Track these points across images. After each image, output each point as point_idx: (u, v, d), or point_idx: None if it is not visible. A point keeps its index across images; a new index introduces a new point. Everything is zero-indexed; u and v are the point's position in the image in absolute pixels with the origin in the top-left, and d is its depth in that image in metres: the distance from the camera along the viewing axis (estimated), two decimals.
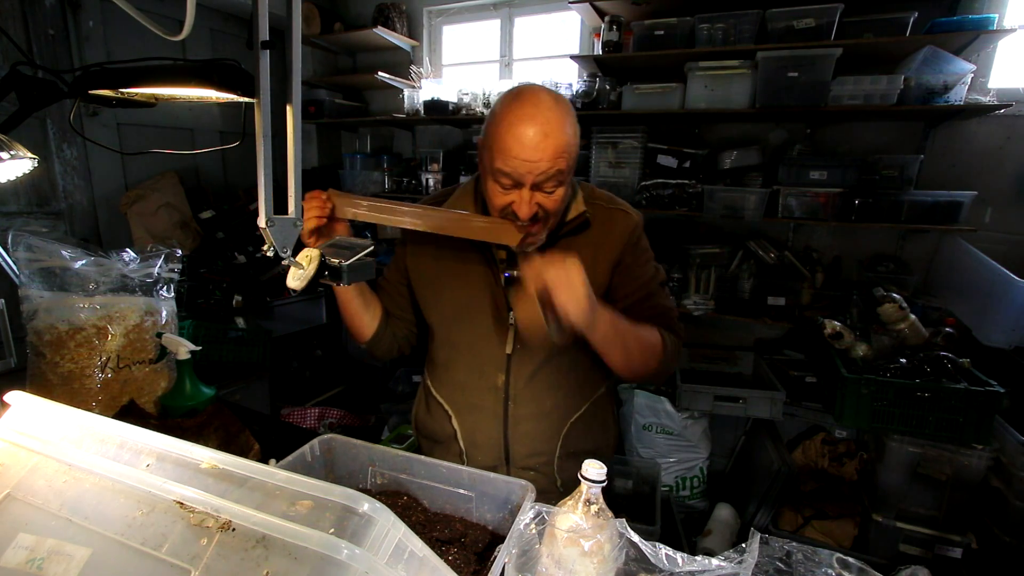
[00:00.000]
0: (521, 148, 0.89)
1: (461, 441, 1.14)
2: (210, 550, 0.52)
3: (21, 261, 1.15)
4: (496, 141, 0.92)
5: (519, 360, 1.09)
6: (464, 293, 1.10)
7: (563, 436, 1.12)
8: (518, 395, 1.10)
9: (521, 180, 0.92)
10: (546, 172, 0.91)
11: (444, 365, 1.17)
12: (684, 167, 2.48)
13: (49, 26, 2.31)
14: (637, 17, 2.45)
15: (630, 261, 1.09)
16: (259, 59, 0.75)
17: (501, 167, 0.92)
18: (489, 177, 0.96)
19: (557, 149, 0.90)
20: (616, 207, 1.12)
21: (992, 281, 1.94)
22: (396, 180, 3.26)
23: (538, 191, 0.94)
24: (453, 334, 1.14)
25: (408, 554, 0.54)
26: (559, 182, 0.94)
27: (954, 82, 1.99)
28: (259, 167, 0.77)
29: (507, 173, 0.92)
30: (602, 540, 0.65)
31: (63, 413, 0.68)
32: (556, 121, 0.90)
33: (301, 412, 2.70)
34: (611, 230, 1.08)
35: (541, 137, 0.89)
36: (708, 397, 2.33)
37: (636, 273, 1.10)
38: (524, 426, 1.11)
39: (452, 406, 1.16)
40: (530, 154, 0.89)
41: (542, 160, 0.89)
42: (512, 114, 0.91)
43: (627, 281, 1.10)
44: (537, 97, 0.92)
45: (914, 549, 1.93)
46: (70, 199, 2.48)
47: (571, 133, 0.93)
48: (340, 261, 0.86)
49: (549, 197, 0.95)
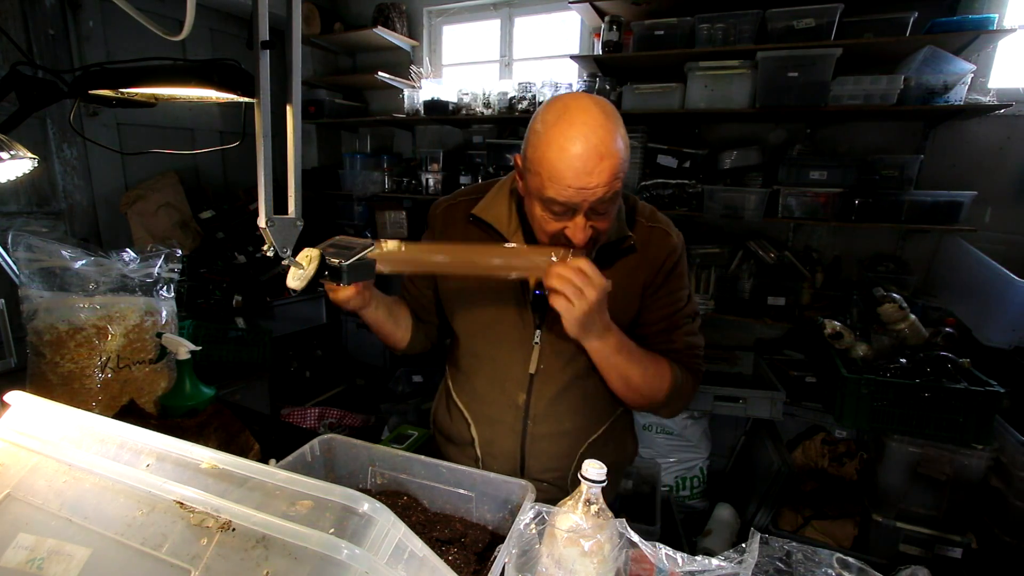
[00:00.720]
0: (576, 176, 0.81)
1: (478, 448, 1.13)
2: (210, 550, 0.52)
3: (21, 261, 1.15)
4: (544, 167, 0.83)
5: (542, 381, 1.06)
6: (492, 308, 1.07)
7: (580, 455, 1.11)
8: (538, 415, 1.08)
9: (576, 208, 0.85)
10: (603, 197, 0.84)
11: (466, 373, 1.15)
12: (684, 167, 2.48)
13: (49, 26, 2.31)
14: (637, 17, 2.45)
15: (660, 286, 1.05)
16: (259, 59, 0.75)
17: (553, 196, 0.84)
18: (537, 203, 0.89)
19: (614, 170, 0.82)
20: (657, 225, 1.06)
21: (992, 281, 1.94)
22: (396, 180, 3.26)
23: (594, 215, 0.87)
24: (478, 346, 1.12)
25: (408, 554, 0.54)
26: (614, 201, 0.89)
27: (954, 82, 1.99)
28: (259, 167, 0.77)
29: (561, 202, 0.84)
30: (602, 540, 0.65)
31: (63, 413, 0.68)
32: (610, 139, 0.82)
33: (301, 412, 2.70)
34: (650, 252, 1.03)
35: (596, 160, 0.81)
36: (708, 397, 2.33)
37: (664, 301, 1.05)
38: (542, 444, 1.09)
39: (472, 415, 1.14)
40: (586, 181, 0.81)
41: (599, 186, 0.82)
42: (562, 135, 0.82)
43: (654, 307, 1.06)
44: (587, 114, 0.82)
45: (914, 549, 1.93)
46: (70, 199, 2.48)
47: (624, 147, 0.85)
48: (340, 261, 0.86)
49: (603, 218, 0.89)
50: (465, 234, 1.08)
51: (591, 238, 0.90)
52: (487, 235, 1.05)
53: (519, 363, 1.06)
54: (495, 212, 1.04)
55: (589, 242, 0.91)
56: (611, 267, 1.02)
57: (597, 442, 1.12)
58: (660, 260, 1.04)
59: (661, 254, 1.04)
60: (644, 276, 1.04)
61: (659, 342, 1.06)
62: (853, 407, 1.90)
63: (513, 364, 1.07)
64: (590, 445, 1.11)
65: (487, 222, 1.03)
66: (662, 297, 1.05)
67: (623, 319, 1.03)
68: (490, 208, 1.04)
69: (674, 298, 1.06)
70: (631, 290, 1.04)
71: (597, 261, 0.99)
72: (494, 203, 1.05)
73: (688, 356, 1.07)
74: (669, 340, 1.06)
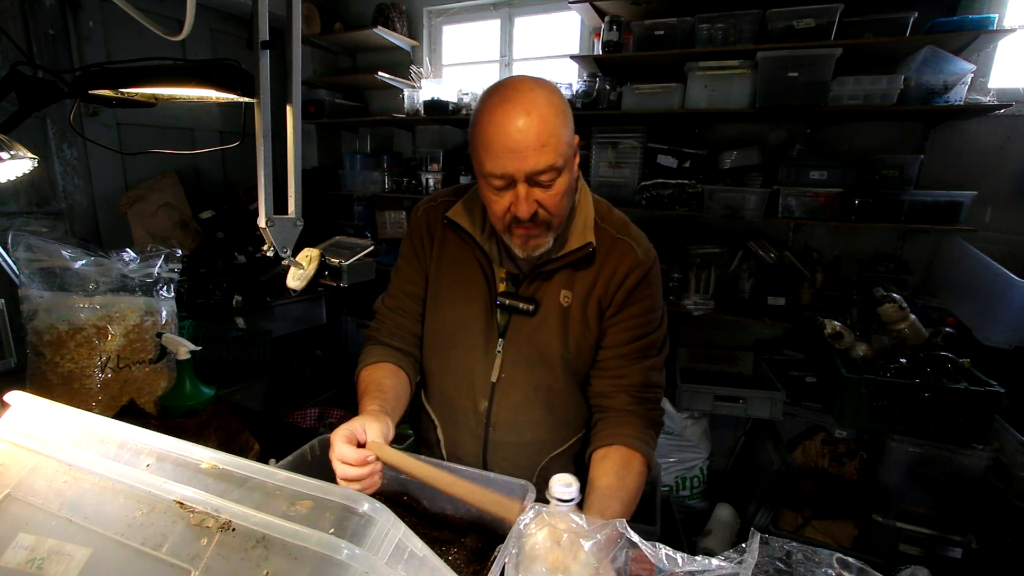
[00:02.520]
0: (504, 136, 0.82)
1: (444, 450, 1.13)
2: (210, 550, 0.52)
3: (21, 261, 1.15)
4: (478, 140, 0.86)
5: (503, 389, 1.05)
6: (462, 313, 1.06)
7: (540, 468, 1.09)
8: (499, 423, 1.06)
9: (513, 175, 0.84)
10: (536, 160, 0.82)
11: (435, 376, 1.14)
12: (684, 167, 2.48)
13: (49, 26, 2.31)
14: (637, 17, 2.45)
15: (622, 306, 0.99)
16: (259, 59, 0.75)
17: (490, 168, 0.85)
18: (483, 183, 0.90)
19: (543, 130, 0.82)
20: (624, 238, 1.01)
21: (992, 281, 1.94)
22: (396, 180, 3.26)
23: (536, 187, 0.86)
24: (447, 350, 1.10)
25: (408, 554, 0.54)
26: (555, 172, 0.85)
27: (954, 82, 1.99)
28: (259, 167, 0.77)
29: (498, 174, 0.85)
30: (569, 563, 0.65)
31: (63, 413, 0.68)
32: (537, 101, 0.82)
33: (301, 412, 2.69)
34: (610, 265, 0.99)
35: (524, 118, 0.81)
36: (708, 397, 2.33)
37: (627, 324, 1.00)
38: (503, 451, 1.08)
39: (438, 417, 1.14)
40: (514, 140, 0.81)
41: (528, 147, 0.81)
42: (492, 106, 0.84)
43: (618, 331, 1.01)
44: (515, 82, 0.86)
45: (914, 549, 1.93)
46: (70, 199, 2.47)
47: (557, 112, 0.84)
48: (340, 261, 0.86)
49: (548, 192, 0.87)
50: (443, 235, 1.07)
51: (538, 216, 0.88)
52: (461, 238, 1.05)
53: (482, 370, 1.05)
54: (467, 216, 1.03)
55: (541, 226, 0.90)
56: (571, 281, 1.00)
57: (560, 458, 1.10)
58: (620, 276, 0.99)
59: (621, 269, 0.99)
60: (600, 291, 0.99)
61: (617, 372, 1.01)
62: (853, 407, 1.90)
63: (477, 371, 1.06)
64: (552, 459, 1.10)
65: (460, 226, 1.03)
66: (624, 320, 1.00)
67: (582, 340, 1.01)
68: (463, 212, 1.04)
69: (638, 322, 1.00)
70: (589, 305, 1.00)
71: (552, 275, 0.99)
72: (466, 208, 1.04)
73: (644, 396, 1.01)
74: (627, 372, 1.01)
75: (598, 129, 2.57)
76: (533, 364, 1.03)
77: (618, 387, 1.02)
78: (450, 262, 1.07)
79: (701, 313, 2.43)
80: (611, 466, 0.94)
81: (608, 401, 1.03)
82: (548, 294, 1.01)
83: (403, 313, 1.13)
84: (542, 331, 1.02)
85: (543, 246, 0.94)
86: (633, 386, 1.01)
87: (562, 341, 1.02)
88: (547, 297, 1.01)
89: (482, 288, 1.04)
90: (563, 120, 0.86)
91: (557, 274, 1.01)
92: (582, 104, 2.60)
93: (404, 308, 1.13)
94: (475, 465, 1.10)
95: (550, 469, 1.06)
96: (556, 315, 1.01)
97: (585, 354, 1.04)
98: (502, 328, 1.04)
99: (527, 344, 1.02)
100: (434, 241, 1.09)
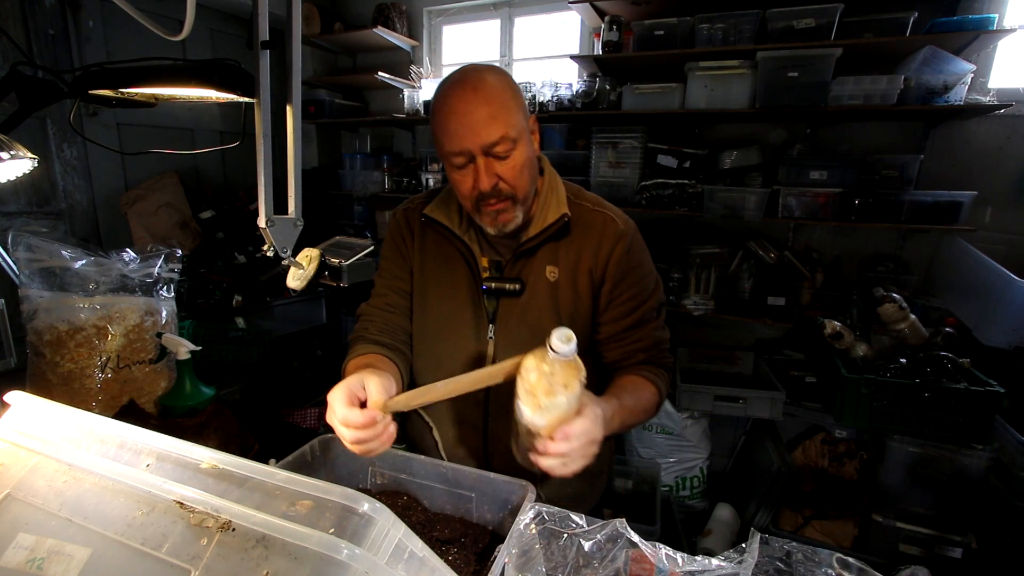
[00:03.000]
0: (454, 114, 0.89)
1: (443, 452, 1.12)
2: (210, 550, 0.52)
3: (21, 261, 1.15)
4: (436, 123, 0.92)
5: None
6: (449, 304, 1.06)
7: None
8: (498, 411, 1.05)
9: (469, 149, 0.89)
10: (488, 132, 0.88)
11: (422, 374, 1.12)
12: (684, 167, 2.48)
13: (49, 26, 2.31)
14: (637, 17, 2.45)
15: (618, 279, 1.02)
16: (259, 59, 0.75)
17: (449, 147, 0.90)
18: (447, 166, 0.95)
19: (491, 103, 0.88)
20: (603, 210, 1.05)
21: (992, 281, 1.94)
22: (396, 180, 3.26)
23: (494, 160, 0.91)
24: (436, 346, 1.09)
25: (408, 554, 0.54)
26: (510, 143, 0.90)
27: (954, 82, 1.99)
28: (259, 167, 0.77)
29: (456, 151, 0.90)
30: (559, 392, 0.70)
31: (63, 413, 0.68)
32: (484, 80, 0.90)
33: (301, 412, 2.69)
34: (594, 236, 1.02)
35: (472, 94, 0.88)
36: (708, 397, 2.33)
37: (627, 295, 1.03)
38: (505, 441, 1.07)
39: (433, 418, 1.13)
40: (466, 116, 0.88)
41: (479, 120, 0.87)
42: (443, 90, 0.92)
43: (615, 303, 1.04)
44: (465, 69, 0.93)
45: (914, 549, 1.93)
46: (70, 199, 2.47)
47: (505, 89, 0.90)
48: (340, 261, 0.86)
49: (505, 164, 0.91)
50: (423, 234, 1.10)
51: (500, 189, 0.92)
52: (440, 233, 1.07)
53: (476, 359, 1.05)
54: (444, 211, 1.06)
55: (507, 200, 0.94)
56: (555, 253, 1.03)
57: None
58: (607, 249, 1.02)
59: (607, 241, 1.02)
60: (589, 262, 1.02)
61: (629, 340, 1.05)
62: (853, 407, 1.90)
63: (470, 361, 1.05)
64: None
65: (438, 220, 1.06)
66: (623, 291, 1.03)
67: (576, 312, 1.04)
68: (440, 208, 1.07)
69: (636, 290, 1.04)
70: (580, 277, 1.03)
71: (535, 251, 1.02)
72: (443, 203, 1.08)
73: (658, 352, 1.06)
74: (638, 338, 1.05)
75: (598, 129, 2.57)
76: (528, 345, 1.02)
77: (629, 352, 1.05)
78: (432, 258, 1.09)
79: (701, 313, 2.43)
80: (627, 382, 1.00)
81: (625, 363, 1.05)
82: (533, 272, 1.03)
83: (392, 310, 1.11)
84: (532, 309, 1.03)
85: (512, 221, 0.97)
86: (644, 349, 1.04)
87: (555, 316, 1.03)
88: (532, 275, 1.03)
89: (467, 279, 1.05)
90: (511, 95, 0.91)
91: (540, 251, 1.03)
92: (582, 104, 2.60)
93: (393, 304, 1.12)
94: (478, 457, 1.10)
95: None
96: (545, 291, 1.03)
97: (580, 327, 1.04)
98: (491, 314, 1.04)
99: (519, 326, 1.03)
100: (415, 239, 1.10)
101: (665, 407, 2.44)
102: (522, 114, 0.93)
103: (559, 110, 2.67)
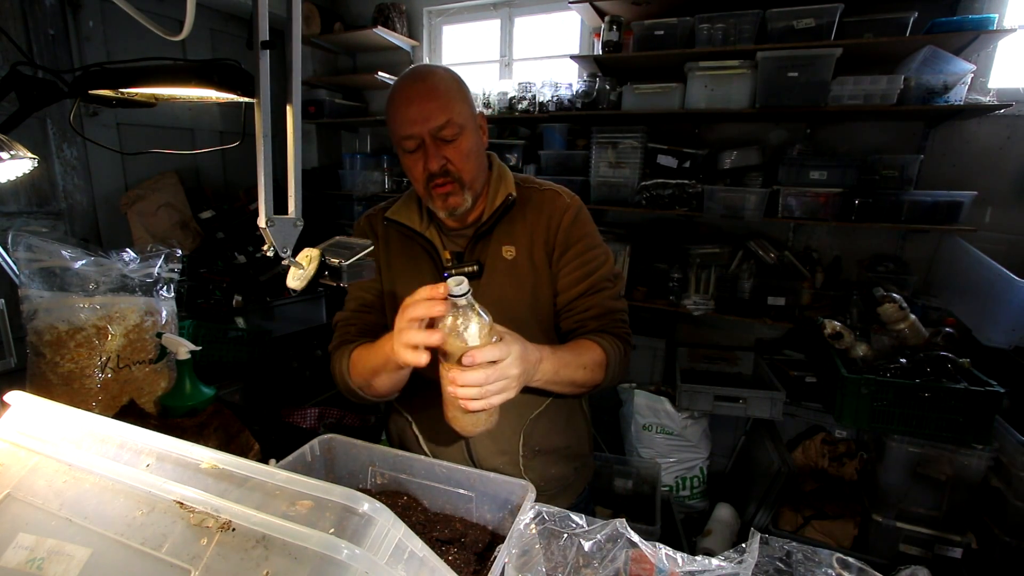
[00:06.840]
0: (403, 103, 0.98)
1: (424, 446, 1.13)
2: (210, 550, 0.52)
3: (21, 261, 1.15)
4: (389, 113, 1.01)
5: None
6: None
7: (524, 433, 1.10)
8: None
9: (418, 134, 0.97)
10: (436, 116, 0.96)
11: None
12: (684, 167, 2.48)
13: (49, 26, 2.31)
14: (637, 17, 2.45)
15: (566, 247, 1.08)
16: (259, 59, 0.75)
17: (400, 132, 0.99)
18: (400, 152, 1.03)
19: (438, 91, 0.97)
20: (550, 189, 1.13)
21: (992, 281, 1.94)
22: (396, 180, 3.26)
23: (442, 143, 0.98)
24: None
25: (408, 554, 0.54)
26: (457, 127, 0.98)
27: (954, 82, 1.99)
28: (259, 167, 0.77)
29: (406, 135, 0.98)
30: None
31: (63, 413, 0.68)
32: (433, 72, 1.00)
33: (301, 412, 2.69)
34: (544, 212, 1.09)
35: (420, 84, 0.98)
36: (708, 397, 2.33)
37: (575, 263, 1.08)
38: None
39: (410, 412, 1.15)
40: (415, 103, 0.96)
41: (427, 106, 0.96)
42: (395, 85, 1.02)
43: (566, 270, 1.08)
44: (416, 66, 1.05)
45: (914, 549, 1.93)
46: (70, 199, 2.47)
47: (451, 81, 1.00)
48: (340, 261, 0.86)
49: (452, 147, 0.99)
50: (386, 235, 1.15)
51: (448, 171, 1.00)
52: (404, 233, 1.13)
53: None
54: (405, 212, 1.13)
55: (455, 183, 1.00)
56: (509, 232, 1.08)
57: (541, 419, 1.11)
58: (556, 219, 1.08)
59: (556, 213, 1.09)
60: (542, 236, 1.08)
61: (580, 308, 1.08)
62: (853, 407, 1.90)
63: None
64: (532, 422, 1.10)
65: (400, 221, 1.12)
66: (572, 259, 1.08)
67: (536, 285, 1.08)
68: (401, 210, 1.13)
69: (585, 258, 1.08)
70: (535, 251, 1.08)
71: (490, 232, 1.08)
72: (404, 206, 1.14)
73: (611, 321, 1.08)
74: (590, 305, 1.07)
75: (598, 129, 2.57)
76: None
77: (582, 320, 1.08)
78: (398, 256, 1.13)
79: (701, 313, 2.43)
80: (571, 342, 1.04)
81: (579, 331, 1.08)
82: (490, 254, 1.08)
83: (368, 310, 1.15)
84: (492, 287, 1.06)
85: (462, 204, 1.03)
86: (597, 316, 1.07)
87: (516, 292, 1.07)
88: (490, 257, 1.08)
89: (431, 271, 1.10)
90: (457, 87, 1.01)
91: (495, 233, 1.09)
92: (582, 104, 2.60)
93: (368, 304, 1.15)
94: (459, 446, 1.11)
95: (535, 430, 1.10)
96: (504, 270, 1.07)
97: (543, 300, 1.09)
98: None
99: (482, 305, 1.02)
100: (379, 240, 1.15)
101: (665, 407, 2.44)
102: (468, 107, 1.03)
103: (559, 110, 2.67)
